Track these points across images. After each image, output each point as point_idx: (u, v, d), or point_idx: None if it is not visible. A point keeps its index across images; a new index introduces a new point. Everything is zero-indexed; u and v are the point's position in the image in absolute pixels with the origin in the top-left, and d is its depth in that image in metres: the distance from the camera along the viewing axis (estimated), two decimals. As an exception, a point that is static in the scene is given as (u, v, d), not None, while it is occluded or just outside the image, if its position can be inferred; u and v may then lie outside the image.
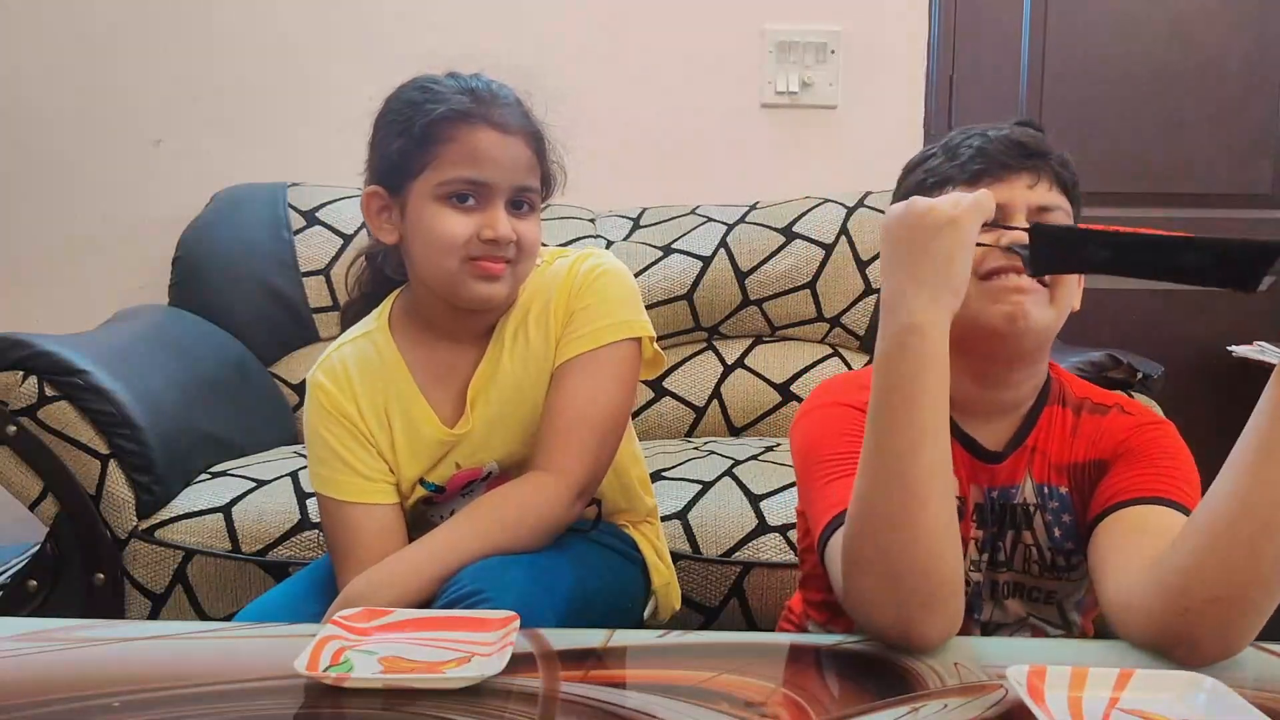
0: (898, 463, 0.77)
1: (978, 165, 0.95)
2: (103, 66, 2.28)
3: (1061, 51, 2.30)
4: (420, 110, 1.06)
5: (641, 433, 1.99)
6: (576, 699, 0.73)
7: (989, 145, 0.95)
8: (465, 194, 1.05)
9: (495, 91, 1.09)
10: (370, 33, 2.27)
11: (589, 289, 1.13)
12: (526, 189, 1.09)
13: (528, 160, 1.09)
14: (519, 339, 1.12)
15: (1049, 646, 0.92)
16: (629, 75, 2.30)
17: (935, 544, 0.77)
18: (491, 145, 1.05)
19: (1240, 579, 0.74)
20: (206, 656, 0.83)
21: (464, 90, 1.08)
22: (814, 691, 0.76)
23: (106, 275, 2.28)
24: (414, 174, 1.06)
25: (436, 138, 1.05)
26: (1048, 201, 0.94)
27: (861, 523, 0.79)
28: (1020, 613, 0.98)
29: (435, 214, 1.05)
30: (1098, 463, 0.95)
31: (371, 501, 1.10)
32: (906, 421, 0.77)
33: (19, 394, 1.52)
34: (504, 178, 1.06)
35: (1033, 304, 0.91)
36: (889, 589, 0.77)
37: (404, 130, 1.06)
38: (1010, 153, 0.94)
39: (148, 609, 1.54)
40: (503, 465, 1.14)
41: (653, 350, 1.17)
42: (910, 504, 0.77)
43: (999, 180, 0.94)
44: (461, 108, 1.05)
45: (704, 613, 1.50)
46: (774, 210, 2.12)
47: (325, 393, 1.12)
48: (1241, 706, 0.68)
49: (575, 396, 1.09)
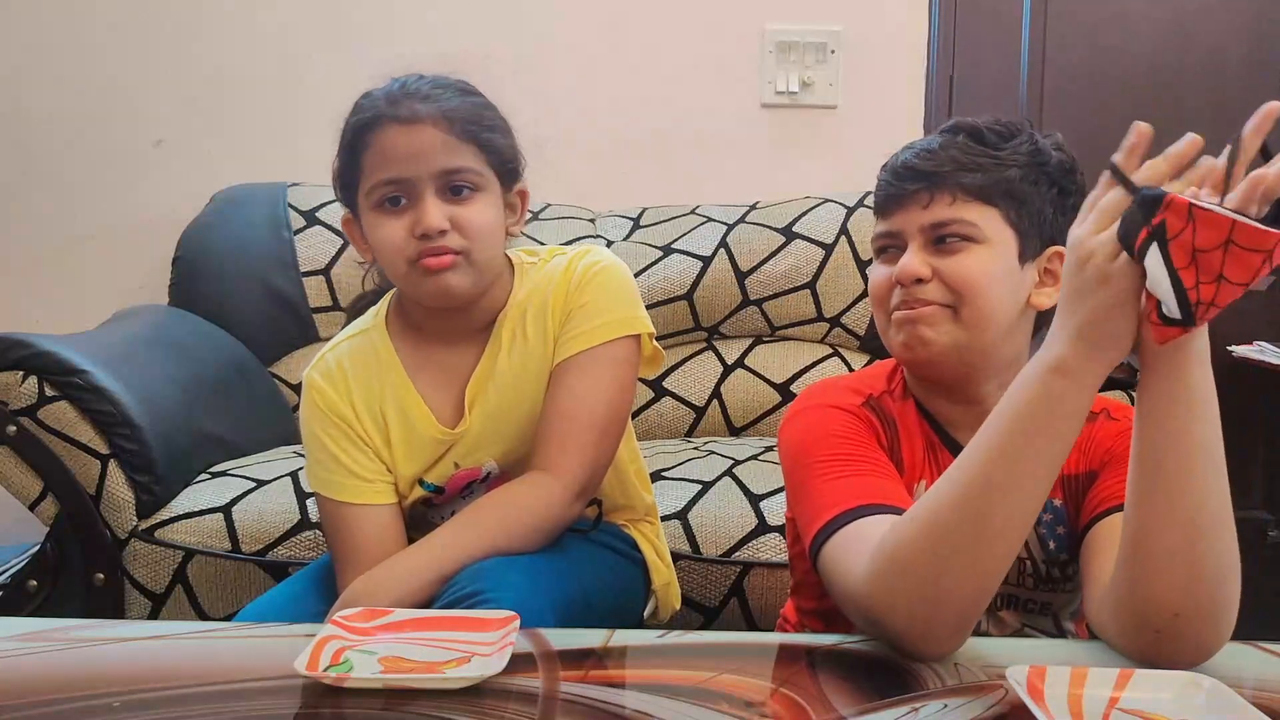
0: (996, 491, 0.74)
1: (881, 196, 0.96)
2: (103, 66, 2.28)
3: (1061, 51, 2.30)
4: (348, 125, 1.07)
5: (641, 433, 2.00)
6: (576, 699, 0.73)
7: (892, 173, 0.95)
8: (393, 195, 1.04)
9: (411, 88, 1.06)
10: (371, 32, 2.27)
11: (587, 286, 1.12)
12: (454, 171, 1.04)
13: (443, 143, 1.04)
14: (517, 338, 1.12)
15: (1049, 646, 0.91)
16: (629, 75, 2.30)
17: (992, 581, 0.76)
18: (398, 140, 1.03)
19: (1193, 590, 0.75)
20: (206, 656, 0.83)
21: (384, 94, 1.06)
22: (814, 691, 0.76)
23: (106, 275, 2.28)
24: (356, 189, 1.07)
25: (359, 148, 1.05)
26: (943, 217, 0.92)
27: (930, 534, 0.76)
28: (1015, 625, 0.98)
29: (374, 223, 1.06)
30: (1089, 473, 0.94)
31: (369, 502, 1.10)
32: (1030, 456, 0.74)
33: (19, 394, 1.52)
34: (420, 167, 1.03)
35: (929, 328, 0.91)
36: (927, 605, 0.76)
37: (341, 148, 1.08)
38: (904, 179, 0.94)
39: (148, 609, 1.54)
40: (502, 465, 1.13)
41: (652, 347, 1.17)
42: (988, 538, 0.75)
43: (898, 208, 0.94)
44: (372, 113, 1.05)
45: (704, 613, 1.50)
46: (774, 210, 2.12)
47: (320, 393, 1.11)
48: (1241, 706, 0.68)
49: (574, 395, 1.09)
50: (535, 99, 2.29)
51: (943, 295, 0.92)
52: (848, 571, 0.82)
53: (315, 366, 1.14)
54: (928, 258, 0.92)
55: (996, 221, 0.92)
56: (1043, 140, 0.96)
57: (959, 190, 0.92)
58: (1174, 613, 0.75)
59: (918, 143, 0.96)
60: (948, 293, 0.91)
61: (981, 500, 0.74)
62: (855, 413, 0.96)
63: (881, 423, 0.97)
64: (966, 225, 0.91)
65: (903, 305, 0.93)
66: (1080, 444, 0.94)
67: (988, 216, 0.92)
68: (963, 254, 0.92)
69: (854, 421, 0.95)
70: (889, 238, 0.96)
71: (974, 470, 0.75)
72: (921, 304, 0.92)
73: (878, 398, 0.98)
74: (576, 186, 2.25)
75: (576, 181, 2.26)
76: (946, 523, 0.75)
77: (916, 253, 0.92)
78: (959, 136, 0.94)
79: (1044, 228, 0.94)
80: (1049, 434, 0.74)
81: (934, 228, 0.92)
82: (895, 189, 0.94)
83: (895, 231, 0.95)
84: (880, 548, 0.78)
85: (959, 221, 0.91)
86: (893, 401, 0.99)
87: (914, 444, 0.97)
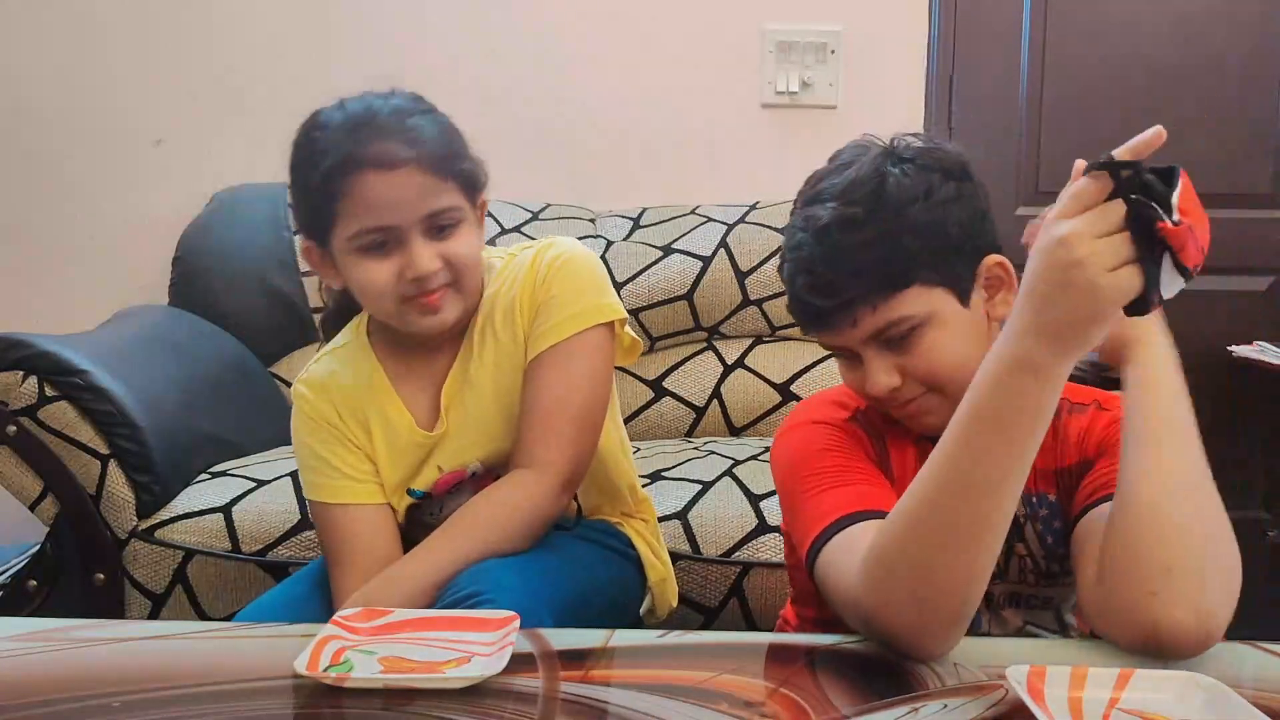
0: (972, 489, 0.74)
1: (802, 320, 0.94)
2: (103, 66, 2.28)
3: (1061, 51, 2.30)
4: (310, 168, 1.03)
5: (642, 433, 2.00)
6: (576, 699, 0.73)
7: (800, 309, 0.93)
8: (377, 241, 1.02)
9: (378, 121, 1.02)
10: (370, 32, 2.27)
11: (553, 279, 1.11)
12: (438, 212, 1.03)
13: (427, 186, 1.02)
14: (488, 338, 1.12)
15: (1049, 646, 0.91)
16: (629, 75, 2.30)
17: (979, 574, 0.76)
18: (381, 190, 1.00)
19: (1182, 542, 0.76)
20: (206, 656, 0.83)
21: (344, 128, 1.02)
22: (814, 691, 0.76)
23: (106, 275, 2.28)
24: (328, 230, 1.04)
25: (331, 194, 1.01)
26: (878, 325, 0.89)
27: (911, 533, 0.76)
28: (1017, 623, 0.98)
29: (355, 266, 1.04)
30: (1082, 463, 0.94)
31: (360, 501, 1.10)
32: (1001, 453, 0.73)
33: (19, 394, 1.52)
34: (406, 215, 1.01)
35: (928, 415, 0.92)
36: (917, 603, 0.76)
37: (303, 192, 1.06)
38: (815, 314, 0.92)
39: (148, 609, 1.54)
40: (486, 464, 1.13)
41: (629, 336, 1.16)
42: (972, 531, 0.75)
43: (828, 329, 0.92)
44: (341, 156, 1.00)
45: (704, 613, 1.50)
46: (774, 210, 2.12)
47: (306, 401, 1.13)
48: (1241, 706, 0.68)
49: (549, 390, 1.09)
50: (535, 99, 2.30)
51: (921, 386, 0.92)
52: (841, 578, 0.82)
53: (301, 379, 1.15)
54: (887, 358, 0.91)
55: (920, 295, 0.89)
56: (884, 167, 0.90)
57: (873, 298, 0.88)
58: (1165, 567, 0.76)
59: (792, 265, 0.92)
60: (922, 384, 0.91)
61: (957, 497, 0.74)
62: (841, 427, 0.97)
63: (869, 436, 0.97)
64: (904, 320, 0.89)
65: (893, 408, 0.94)
66: (1072, 436, 0.95)
67: (911, 299, 0.89)
68: (917, 344, 0.90)
69: (840, 435, 0.96)
70: (832, 349, 0.96)
71: (946, 468, 0.75)
72: (908, 401, 0.92)
73: (865, 410, 0.99)
74: (576, 186, 2.25)
75: (576, 181, 2.26)
76: (925, 521, 0.76)
77: (876, 363, 0.91)
78: (828, 237, 0.89)
79: (961, 253, 0.91)
80: (1019, 429, 0.73)
81: (875, 335, 0.90)
82: (812, 319, 0.92)
83: (838, 346, 0.94)
84: (869, 551, 0.79)
85: (894, 323, 0.89)
86: (878, 414, 0.98)
87: (905, 454, 0.97)
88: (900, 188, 0.89)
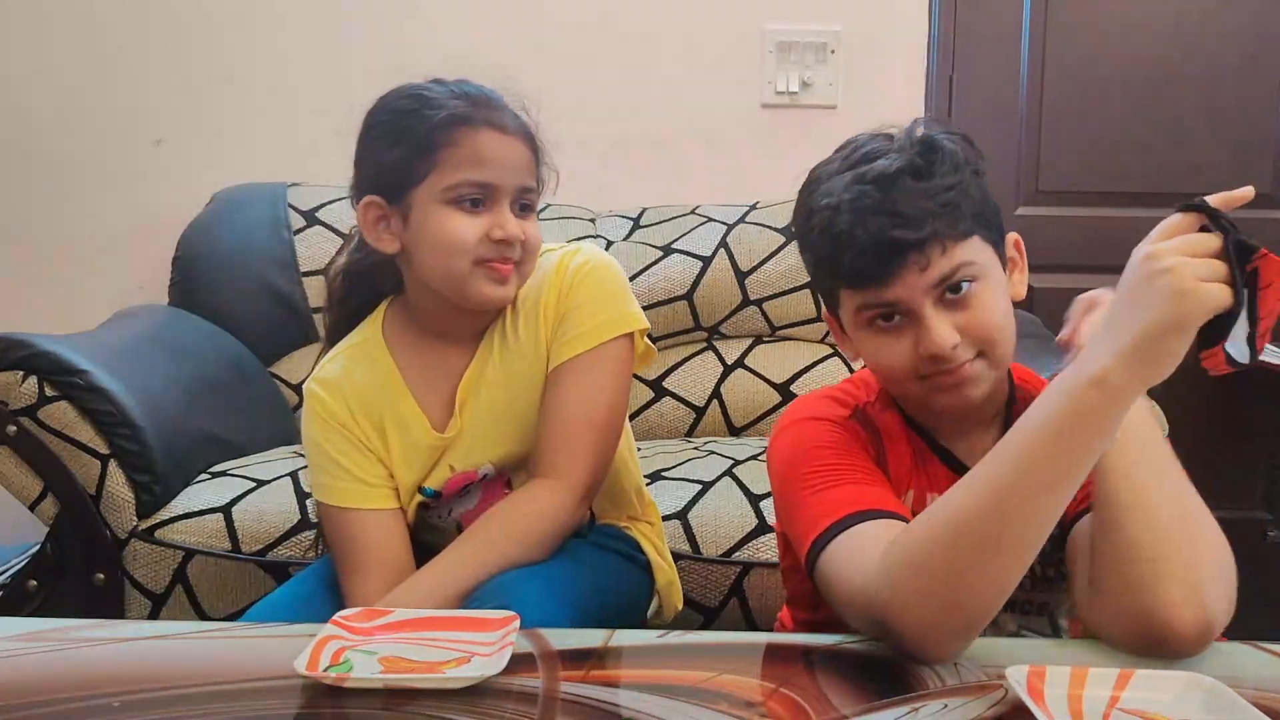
0: (1021, 502, 0.73)
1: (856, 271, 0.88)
2: (103, 66, 2.28)
3: (1061, 51, 2.30)
4: (417, 117, 1.05)
5: (642, 433, 2.00)
6: (576, 699, 0.73)
7: (870, 252, 0.86)
8: (473, 197, 1.05)
9: (489, 95, 1.09)
10: (371, 32, 2.27)
11: (580, 287, 1.12)
12: (528, 189, 1.09)
13: (528, 161, 1.09)
14: (508, 339, 1.12)
15: (1048, 646, 0.91)
16: (630, 75, 2.30)
17: (1008, 586, 0.76)
18: (495, 147, 1.05)
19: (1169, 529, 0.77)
20: (206, 656, 0.83)
21: (458, 95, 1.07)
22: (814, 691, 0.76)
23: (106, 275, 2.28)
24: (416, 181, 1.04)
25: (439, 143, 1.04)
26: (945, 270, 0.87)
27: (950, 538, 0.75)
28: (1011, 628, 0.97)
29: (444, 218, 1.04)
30: None
31: (372, 507, 1.10)
32: (1048, 466, 0.73)
33: (19, 394, 1.52)
34: (508, 178, 1.06)
35: (974, 387, 0.89)
36: (941, 607, 0.75)
37: (401, 139, 1.05)
38: (891, 252, 0.86)
39: (148, 609, 1.54)
40: (498, 466, 1.13)
41: (644, 345, 1.17)
42: (1008, 545, 0.74)
43: (892, 279, 0.87)
44: (460, 112, 1.05)
45: (704, 613, 1.50)
46: (774, 210, 2.12)
47: (320, 402, 1.12)
48: (1241, 706, 0.68)
49: (574, 399, 1.09)
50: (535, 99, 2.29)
51: (973, 349, 0.89)
52: (850, 577, 0.81)
53: (315, 378, 1.14)
54: (944, 316, 0.88)
55: (980, 247, 0.89)
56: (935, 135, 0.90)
57: (946, 240, 0.87)
58: (1152, 557, 0.76)
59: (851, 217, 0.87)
60: (976, 344, 0.89)
61: (1007, 507, 0.74)
62: (841, 424, 0.95)
63: (869, 433, 0.96)
64: (966, 267, 0.88)
65: (940, 374, 0.89)
66: None
67: (974, 248, 0.88)
68: (974, 299, 0.88)
69: (840, 432, 0.94)
70: (884, 307, 0.90)
71: (1001, 478, 0.74)
72: (959, 366, 0.88)
73: (863, 408, 0.98)
74: (576, 186, 2.23)
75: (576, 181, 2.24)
76: (968, 527, 0.75)
77: (938, 319, 0.87)
78: (899, 183, 0.87)
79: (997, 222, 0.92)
80: (1081, 447, 0.73)
81: (940, 282, 0.87)
82: (880, 264, 0.87)
83: (893, 301, 0.88)
84: (894, 550, 0.78)
85: (959, 267, 0.87)
86: (876, 412, 0.98)
87: (900, 454, 0.96)
88: (953, 149, 0.90)
